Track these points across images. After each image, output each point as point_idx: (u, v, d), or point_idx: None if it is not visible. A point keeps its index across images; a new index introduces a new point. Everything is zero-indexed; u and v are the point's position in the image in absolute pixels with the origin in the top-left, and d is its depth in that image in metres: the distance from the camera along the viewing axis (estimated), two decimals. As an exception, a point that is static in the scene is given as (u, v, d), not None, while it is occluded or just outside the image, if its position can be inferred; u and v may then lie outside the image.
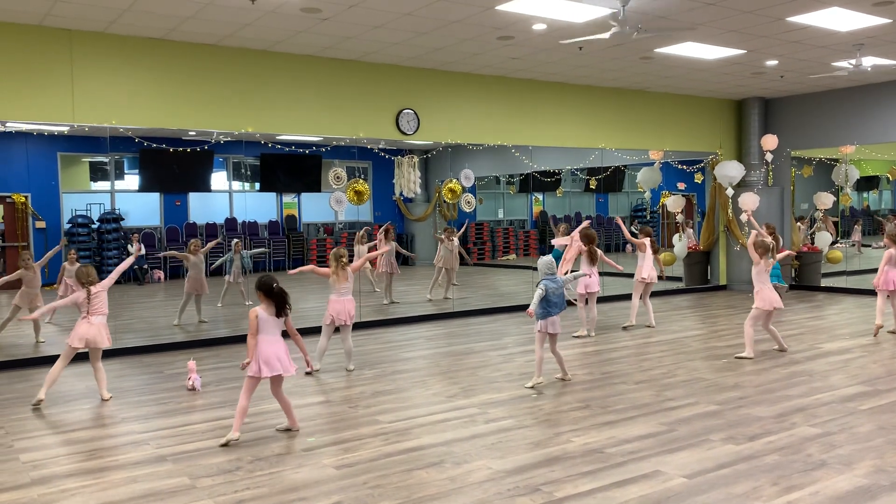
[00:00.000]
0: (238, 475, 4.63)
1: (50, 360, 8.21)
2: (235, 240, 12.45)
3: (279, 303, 5.30)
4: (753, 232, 8.24)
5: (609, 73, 11.41)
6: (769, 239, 8.20)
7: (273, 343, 5.31)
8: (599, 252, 9.25)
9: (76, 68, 8.28)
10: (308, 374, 7.35)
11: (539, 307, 6.64)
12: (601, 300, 12.80)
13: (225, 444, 5.20)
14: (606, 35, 7.43)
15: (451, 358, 8.33)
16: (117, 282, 6.79)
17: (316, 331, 7.99)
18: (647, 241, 10.05)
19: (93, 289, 6.54)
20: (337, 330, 7.55)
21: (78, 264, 10.51)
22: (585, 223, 9.48)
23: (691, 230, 16.05)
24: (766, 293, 7.87)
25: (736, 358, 7.90)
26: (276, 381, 5.38)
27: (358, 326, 10.26)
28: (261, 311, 5.31)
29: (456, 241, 12.95)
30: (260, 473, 4.66)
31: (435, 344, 9.32)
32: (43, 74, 8.11)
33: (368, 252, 11.24)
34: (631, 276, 10.36)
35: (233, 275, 12.21)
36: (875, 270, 9.27)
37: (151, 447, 5.24)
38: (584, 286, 9.15)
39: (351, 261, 7.77)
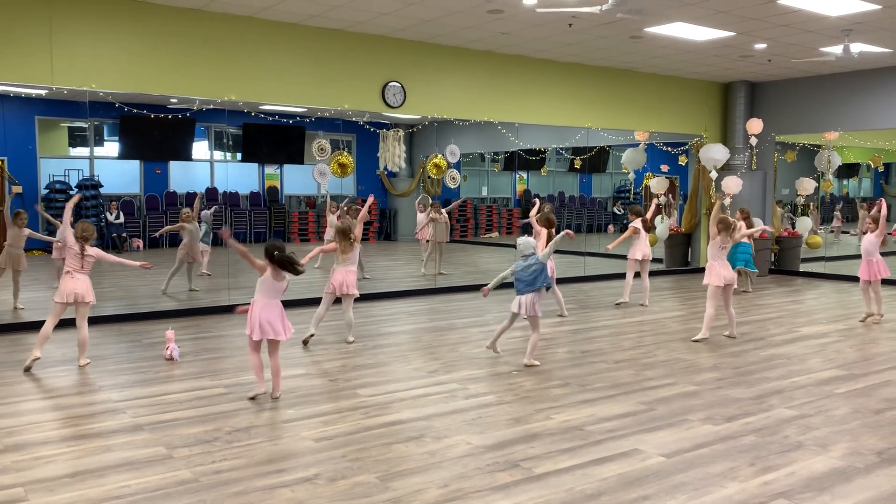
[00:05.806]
0: (216, 446, 4.60)
1: (27, 326, 8.12)
2: (214, 207, 12.19)
3: (283, 267, 5.46)
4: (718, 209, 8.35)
5: (598, 52, 11.33)
6: (732, 219, 8.24)
7: (266, 307, 5.49)
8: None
9: (55, 29, 8.06)
10: (305, 342, 7.43)
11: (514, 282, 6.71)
12: (584, 280, 12.91)
13: (253, 399, 5.54)
14: (598, 10, 7.34)
15: (432, 333, 8.31)
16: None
17: (317, 301, 7.95)
18: (637, 222, 10.12)
19: (89, 249, 6.50)
20: (338, 301, 7.61)
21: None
22: (547, 207, 9.40)
23: (675, 212, 16.12)
24: (717, 269, 7.76)
25: (692, 341, 7.85)
26: (272, 344, 5.58)
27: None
28: (269, 270, 5.51)
29: (442, 215, 13.00)
30: (238, 444, 4.63)
31: (417, 319, 9.30)
32: (20, 34, 7.88)
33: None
34: (623, 257, 10.46)
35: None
36: (854, 257, 9.36)
37: (128, 416, 5.19)
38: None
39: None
